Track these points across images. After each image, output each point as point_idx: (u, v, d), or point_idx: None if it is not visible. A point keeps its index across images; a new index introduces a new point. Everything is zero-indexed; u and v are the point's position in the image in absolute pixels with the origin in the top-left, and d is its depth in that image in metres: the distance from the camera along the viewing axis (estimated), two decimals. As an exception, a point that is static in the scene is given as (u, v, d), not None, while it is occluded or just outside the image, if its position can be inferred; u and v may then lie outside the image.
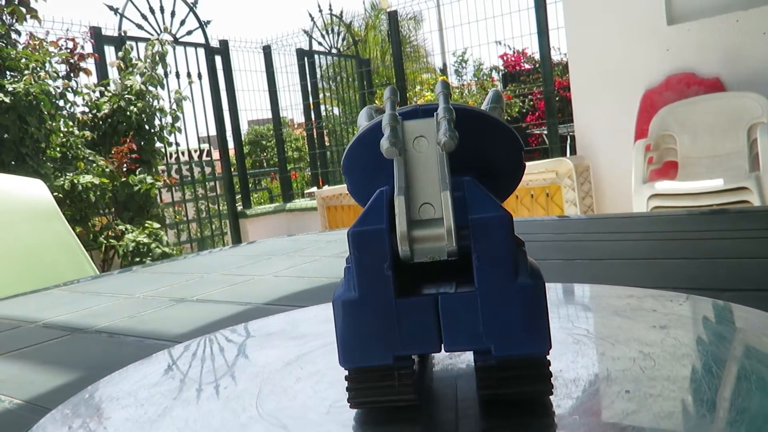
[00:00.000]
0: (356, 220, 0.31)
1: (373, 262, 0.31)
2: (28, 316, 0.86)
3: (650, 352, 0.39)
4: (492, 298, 0.30)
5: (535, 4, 4.28)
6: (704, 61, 3.49)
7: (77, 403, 0.44)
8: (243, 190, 5.71)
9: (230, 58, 5.46)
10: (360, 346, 0.31)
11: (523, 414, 0.32)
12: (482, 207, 0.31)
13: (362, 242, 0.31)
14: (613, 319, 0.48)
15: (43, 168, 3.50)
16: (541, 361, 0.31)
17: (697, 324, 0.48)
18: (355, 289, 0.31)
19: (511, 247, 0.30)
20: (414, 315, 0.31)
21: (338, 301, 0.31)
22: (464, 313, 0.30)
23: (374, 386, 0.32)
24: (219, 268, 1.12)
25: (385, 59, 8.96)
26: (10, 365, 0.61)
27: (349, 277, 0.31)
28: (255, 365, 0.47)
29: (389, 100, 0.35)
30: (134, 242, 3.85)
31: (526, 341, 0.30)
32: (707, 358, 0.39)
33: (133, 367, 0.50)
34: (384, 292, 0.31)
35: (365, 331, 0.31)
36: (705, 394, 0.33)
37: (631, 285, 0.59)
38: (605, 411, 0.32)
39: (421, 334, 0.31)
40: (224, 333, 0.60)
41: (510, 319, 0.30)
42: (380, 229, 0.31)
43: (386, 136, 0.31)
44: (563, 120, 5.29)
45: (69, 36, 4.04)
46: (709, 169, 3.17)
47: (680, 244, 0.90)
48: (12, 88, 3.34)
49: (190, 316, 0.74)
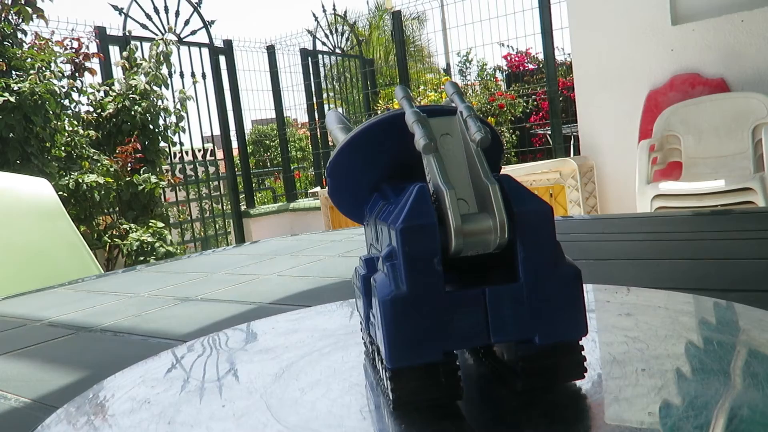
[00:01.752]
0: (396, 215, 0.31)
1: (424, 257, 0.30)
2: (33, 314, 0.87)
3: (638, 335, 0.39)
4: (537, 287, 0.31)
5: (539, 4, 4.28)
6: (709, 61, 3.48)
7: (82, 402, 0.44)
8: (247, 190, 5.72)
9: (234, 58, 5.46)
10: (410, 344, 0.30)
11: (558, 404, 0.33)
12: (524, 200, 0.31)
13: (413, 237, 0.30)
14: (613, 316, 0.48)
15: (48, 167, 3.52)
16: (577, 347, 0.33)
17: (699, 320, 0.48)
18: (404, 286, 0.30)
19: (554, 238, 0.31)
20: (463, 308, 0.31)
21: (387, 300, 0.30)
22: (510, 304, 0.31)
23: (421, 385, 0.32)
24: (223, 267, 1.12)
25: (389, 59, 8.96)
26: (15, 363, 0.62)
27: (393, 274, 0.31)
28: (258, 371, 0.47)
29: (405, 98, 0.35)
30: (138, 241, 3.86)
31: (569, 328, 0.32)
32: (709, 343, 0.39)
33: (138, 366, 0.50)
34: (434, 287, 0.30)
35: (416, 328, 0.30)
36: (715, 364, 0.34)
37: (635, 285, 0.59)
38: (636, 388, 0.34)
39: (470, 328, 0.31)
40: (228, 332, 0.60)
41: (554, 307, 0.31)
42: (432, 223, 0.30)
43: (420, 133, 0.32)
44: (567, 120, 5.28)
45: (74, 36, 4.05)
46: (714, 170, 3.16)
47: (684, 245, 0.90)
48: (17, 87, 3.35)
49: (194, 315, 0.74)
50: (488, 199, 0.31)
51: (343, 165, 0.40)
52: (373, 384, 0.38)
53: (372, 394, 0.37)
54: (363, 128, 0.38)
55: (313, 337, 0.51)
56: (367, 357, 0.42)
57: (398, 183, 0.39)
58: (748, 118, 3.13)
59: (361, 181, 0.41)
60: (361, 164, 0.40)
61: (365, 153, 0.40)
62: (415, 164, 0.38)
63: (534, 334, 0.31)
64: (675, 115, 3.34)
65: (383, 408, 0.35)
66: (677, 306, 0.51)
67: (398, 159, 0.40)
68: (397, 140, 0.39)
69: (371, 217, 0.39)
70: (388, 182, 0.40)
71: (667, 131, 3.33)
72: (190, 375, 0.48)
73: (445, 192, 0.30)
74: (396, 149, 0.39)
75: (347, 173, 0.40)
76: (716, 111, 3.24)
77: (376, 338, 0.34)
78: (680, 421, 0.29)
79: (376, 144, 0.39)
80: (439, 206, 0.31)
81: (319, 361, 0.44)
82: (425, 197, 0.31)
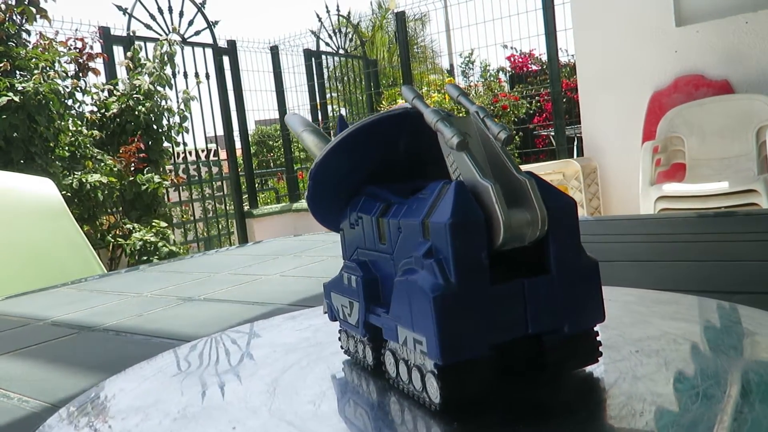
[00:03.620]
0: (439, 212, 0.31)
1: (473, 252, 0.31)
2: (36, 314, 0.87)
3: (632, 332, 0.39)
4: (566, 279, 0.33)
5: (542, 5, 4.27)
6: (713, 62, 3.48)
7: (84, 402, 0.44)
8: (250, 190, 5.72)
9: (238, 59, 5.47)
10: (461, 339, 0.31)
11: (581, 386, 0.35)
12: (553, 195, 0.32)
13: (464, 233, 0.31)
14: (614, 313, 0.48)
15: (51, 167, 3.52)
16: (593, 333, 0.35)
17: (702, 321, 0.48)
18: (453, 281, 0.30)
19: (578, 231, 0.33)
20: (507, 301, 0.32)
21: (438, 297, 0.30)
22: (545, 296, 0.32)
23: (469, 381, 0.32)
24: (226, 267, 1.12)
25: (392, 60, 8.96)
26: (18, 363, 0.62)
27: (440, 270, 0.31)
28: (267, 366, 0.47)
29: (418, 98, 0.36)
30: (141, 241, 3.86)
31: (593, 315, 0.34)
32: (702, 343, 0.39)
33: (140, 366, 0.50)
34: (482, 282, 0.31)
35: (465, 323, 0.31)
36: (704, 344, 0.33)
37: (638, 287, 0.58)
38: (637, 369, 0.37)
39: (511, 320, 0.32)
40: (230, 333, 0.60)
41: (582, 297, 0.33)
42: (480, 218, 0.31)
43: (450, 131, 0.32)
44: (570, 121, 5.28)
45: (78, 36, 4.06)
46: (717, 172, 3.15)
47: (688, 247, 0.89)
48: (21, 87, 3.36)
49: (197, 315, 0.75)
50: (522, 195, 0.32)
51: (332, 167, 0.39)
52: (373, 391, 0.38)
53: (388, 399, 0.37)
54: (354, 130, 0.38)
55: (316, 338, 0.51)
56: (355, 365, 0.42)
57: (389, 184, 0.39)
58: (752, 120, 3.12)
59: (344, 185, 0.40)
60: (348, 167, 0.40)
61: (353, 155, 0.39)
62: (397, 166, 0.39)
63: (564, 324, 0.33)
64: (679, 116, 3.33)
65: (413, 410, 0.34)
66: (730, 322, 0.51)
67: (383, 161, 0.40)
68: (384, 142, 0.39)
69: (368, 217, 0.38)
70: (374, 184, 0.39)
71: (670, 133, 3.32)
72: (193, 375, 0.48)
73: (489, 187, 0.31)
74: (383, 151, 0.39)
75: (333, 175, 0.40)
76: (720, 113, 3.23)
77: (406, 340, 0.33)
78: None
79: (365, 145, 0.39)
80: (478, 201, 0.31)
81: (320, 362, 0.44)
82: (466, 193, 0.31)
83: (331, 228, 0.43)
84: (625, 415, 0.31)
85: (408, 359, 0.34)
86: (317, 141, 0.43)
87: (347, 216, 0.40)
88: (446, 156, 0.33)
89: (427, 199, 0.33)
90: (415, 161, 0.39)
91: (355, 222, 0.39)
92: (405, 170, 0.40)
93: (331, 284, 0.42)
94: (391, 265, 0.36)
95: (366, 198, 0.39)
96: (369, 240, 0.38)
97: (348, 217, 0.40)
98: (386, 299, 0.36)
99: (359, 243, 0.39)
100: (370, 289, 0.37)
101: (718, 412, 0.30)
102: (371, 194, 0.39)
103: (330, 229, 0.43)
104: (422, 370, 0.32)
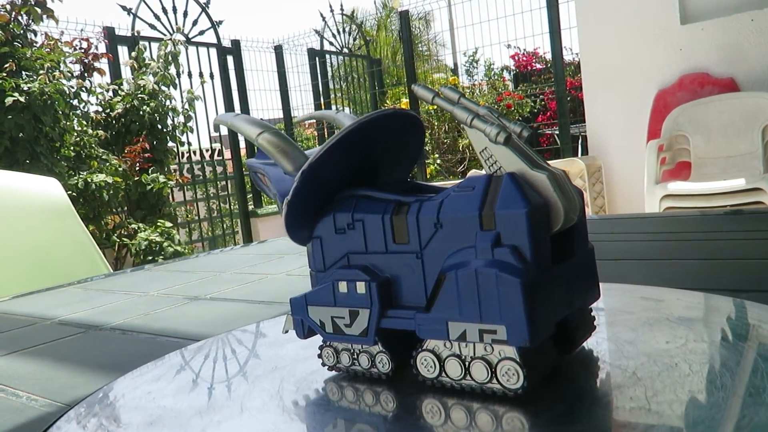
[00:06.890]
0: (505, 202, 0.32)
1: (544, 237, 0.33)
2: (43, 313, 0.87)
3: (631, 323, 0.39)
4: (584, 261, 0.37)
5: (546, 3, 4.26)
6: (718, 60, 3.46)
7: (92, 402, 0.44)
8: (254, 190, 5.73)
9: (242, 58, 5.47)
10: (543, 321, 0.32)
11: None
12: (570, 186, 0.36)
13: (538, 219, 0.32)
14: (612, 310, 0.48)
15: (57, 167, 3.53)
16: (590, 309, 0.40)
17: (709, 318, 0.48)
18: (533, 266, 0.32)
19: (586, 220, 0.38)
20: (562, 282, 0.34)
21: (525, 282, 0.31)
22: (578, 276, 0.36)
23: (542, 360, 0.34)
24: (231, 266, 1.13)
25: (396, 59, 8.96)
26: (26, 361, 0.62)
27: (516, 256, 0.31)
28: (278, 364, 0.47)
29: (438, 98, 0.36)
30: (146, 241, 3.87)
31: (595, 293, 0.39)
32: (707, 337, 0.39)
33: (147, 366, 0.50)
34: (549, 264, 0.33)
35: (544, 305, 0.32)
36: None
37: (644, 285, 0.58)
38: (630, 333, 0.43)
39: (562, 300, 0.34)
40: (236, 333, 0.60)
41: (590, 277, 0.38)
42: (544, 203, 0.33)
43: (492, 127, 0.32)
44: (575, 120, 5.26)
45: (83, 36, 4.07)
46: (723, 170, 3.14)
47: (693, 245, 0.89)
48: (27, 87, 3.37)
49: (203, 314, 0.75)
50: (560, 185, 0.34)
51: (328, 168, 0.37)
52: (386, 389, 0.38)
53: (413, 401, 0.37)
54: (348, 130, 0.36)
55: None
56: (347, 376, 0.40)
57: (385, 185, 0.39)
58: (757, 118, 3.11)
59: (330, 188, 0.38)
60: (341, 170, 0.38)
61: (342, 158, 0.37)
62: (371, 169, 0.39)
63: (587, 301, 0.38)
64: (684, 114, 3.32)
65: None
66: (736, 317, 0.51)
67: (350, 168, 0.38)
68: (366, 146, 0.38)
69: (374, 218, 0.36)
70: (363, 188, 0.38)
71: (675, 131, 3.31)
72: (201, 376, 0.48)
73: (545, 176, 0.33)
74: (366, 154, 0.38)
75: (324, 178, 0.37)
76: (725, 111, 3.22)
77: (465, 334, 0.33)
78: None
79: (356, 147, 0.37)
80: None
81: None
82: (519, 183, 0.33)
83: (301, 241, 0.39)
84: (639, 408, 0.31)
85: (462, 354, 0.34)
86: (286, 150, 0.39)
87: (330, 222, 0.38)
88: (479, 151, 0.34)
89: (472, 193, 0.33)
90: (372, 163, 0.39)
91: (348, 226, 0.37)
92: (364, 172, 0.39)
93: (308, 298, 0.39)
94: (410, 264, 0.35)
95: (359, 200, 0.37)
96: (374, 242, 0.36)
97: (333, 223, 0.38)
98: (404, 300, 0.35)
99: (353, 247, 0.37)
100: (386, 293, 0.36)
101: (729, 404, 0.30)
102: (362, 196, 0.37)
103: (298, 242, 0.39)
104: (489, 361, 0.33)
